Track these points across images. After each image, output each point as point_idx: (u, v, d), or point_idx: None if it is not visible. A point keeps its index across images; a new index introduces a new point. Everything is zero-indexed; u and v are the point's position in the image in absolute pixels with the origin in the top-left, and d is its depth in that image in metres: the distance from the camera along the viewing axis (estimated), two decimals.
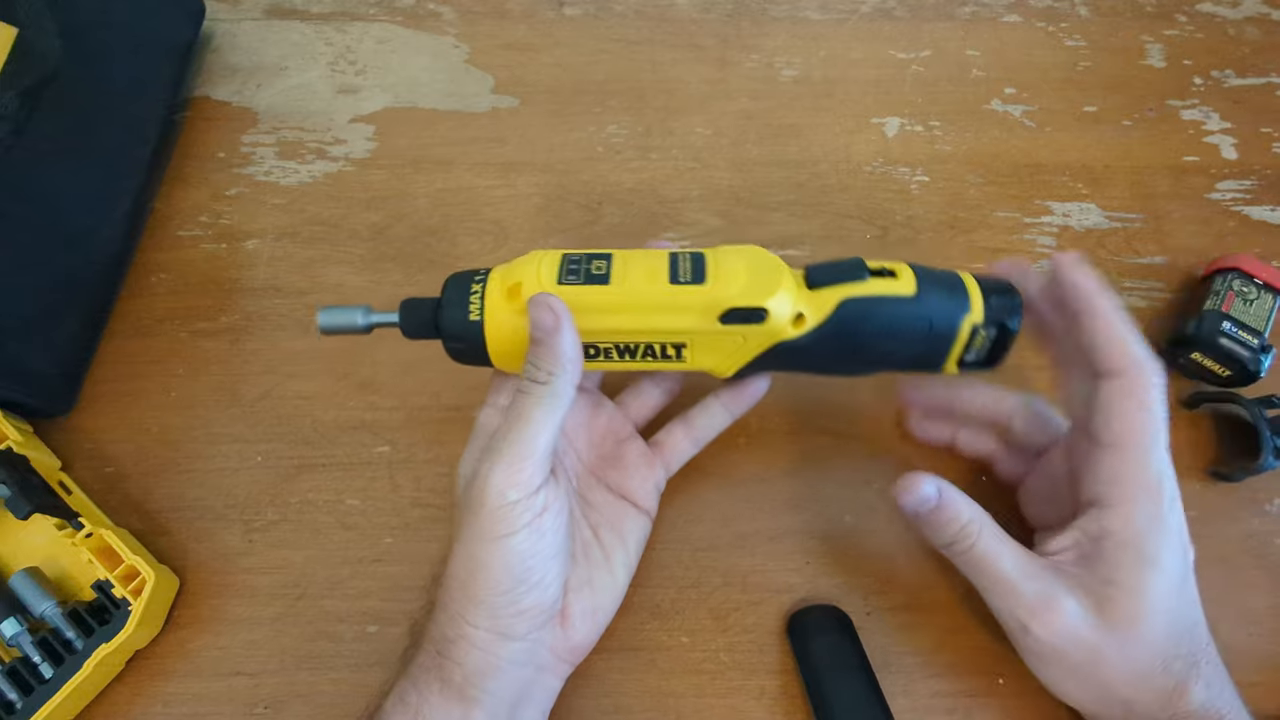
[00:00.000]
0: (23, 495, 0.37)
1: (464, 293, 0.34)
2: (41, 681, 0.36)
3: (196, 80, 0.52)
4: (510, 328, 0.33)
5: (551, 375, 0.31)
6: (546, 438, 0.31)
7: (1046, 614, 0.32)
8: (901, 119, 0.52)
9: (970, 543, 0.33)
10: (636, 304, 0.33)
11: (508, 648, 0.32)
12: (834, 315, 0.33)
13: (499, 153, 0.50)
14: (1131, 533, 0.32)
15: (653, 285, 0.33)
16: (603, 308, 0.33)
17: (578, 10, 0.55)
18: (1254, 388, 0.42)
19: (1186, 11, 0.55)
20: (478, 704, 0.31)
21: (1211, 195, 0.49)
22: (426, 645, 0.32)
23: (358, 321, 0.34)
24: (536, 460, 0.31)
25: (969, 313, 0.33)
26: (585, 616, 0.35)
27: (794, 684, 0.38)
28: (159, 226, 0.48)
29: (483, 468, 0.31)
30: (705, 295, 0.32)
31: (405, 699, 0.31)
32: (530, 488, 0.31)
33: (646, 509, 0.38)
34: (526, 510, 0.31)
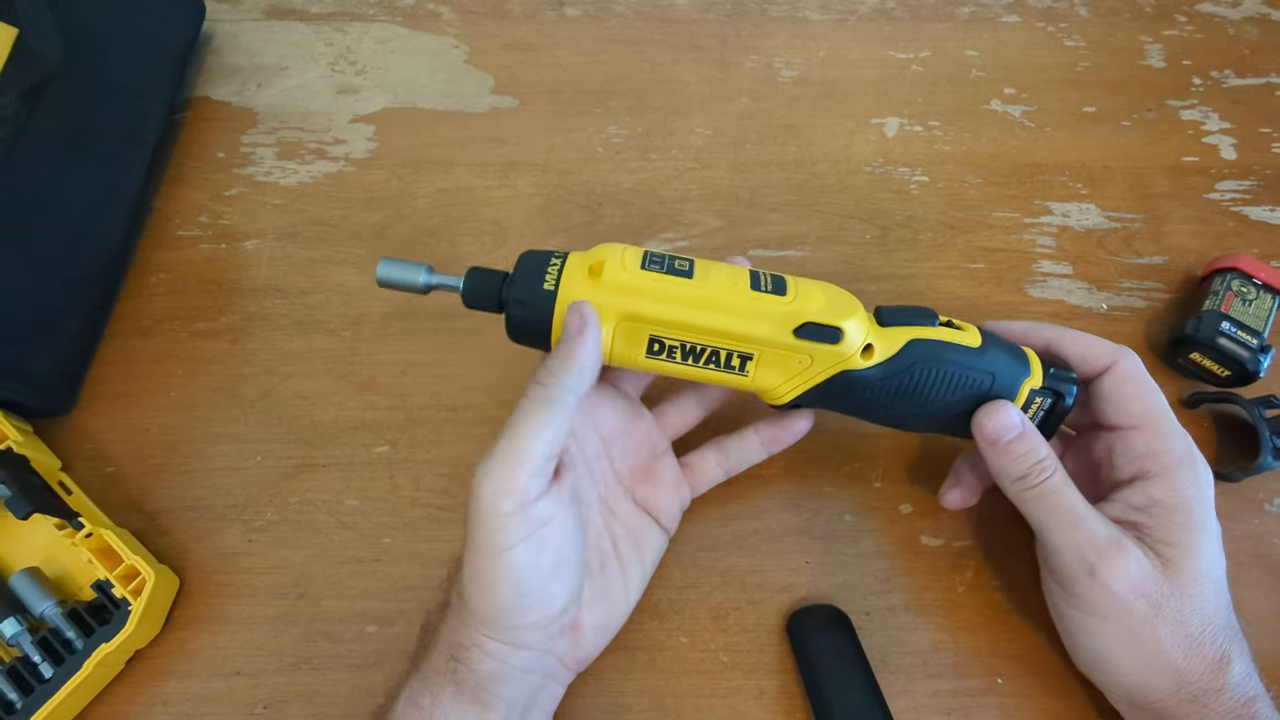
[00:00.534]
0: (23, 495, 0.37)
1: (540, 265, 0.33)
2: (41, 681, 0.36)
3: (196, 80, 0.52)
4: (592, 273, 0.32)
5: (555, 380, 0.31)
6: (543, 445, 0.30)
7: (1117, 559, 0.32)
8: (901, 119, 0.52)
9: (1046, 477, 0.33)
10: (716, 301, 0.32)
11: (519, 656, 0.31)
12: (902, 352, 0.33)
13: (499, 153, 0.50)
14: (1180, 498, 0.32)
15: (734, 287, 0.32)
16: (682, 299, 0.32)
17: (578, 10, 0.55)
18: (1253, 388, 0.42)
19: (1186, 12, 0.55)
20: (491, 708, 0.31)
21: (1211, 195, 0.50)
22: (440, 647, 0.32)
23: (419, 280, 0.33)
24: (531, 468, 0.30)
25: (1029, 377, 0.34)
26: (598, 629, 0.35)
27: (794, 684, 0.38)
28: (159, 226, 0.48)
29: (476, 476, 0.30)
30: (785, 306, 0.32)
31: (418, 702, 0.31)
32: (526, 498, 0.29)
33: (668, 527, 0.38)
34: (524, 523, 0.30)
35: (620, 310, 0.32)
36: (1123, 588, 0.32)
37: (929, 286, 0.47)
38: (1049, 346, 0.36)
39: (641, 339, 0.33)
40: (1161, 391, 0.35)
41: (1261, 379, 0.42)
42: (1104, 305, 0.47)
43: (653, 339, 0.33)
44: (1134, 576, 0.32)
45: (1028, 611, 0.39)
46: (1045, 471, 0.33)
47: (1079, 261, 0.48)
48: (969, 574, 0.40)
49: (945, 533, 0.41)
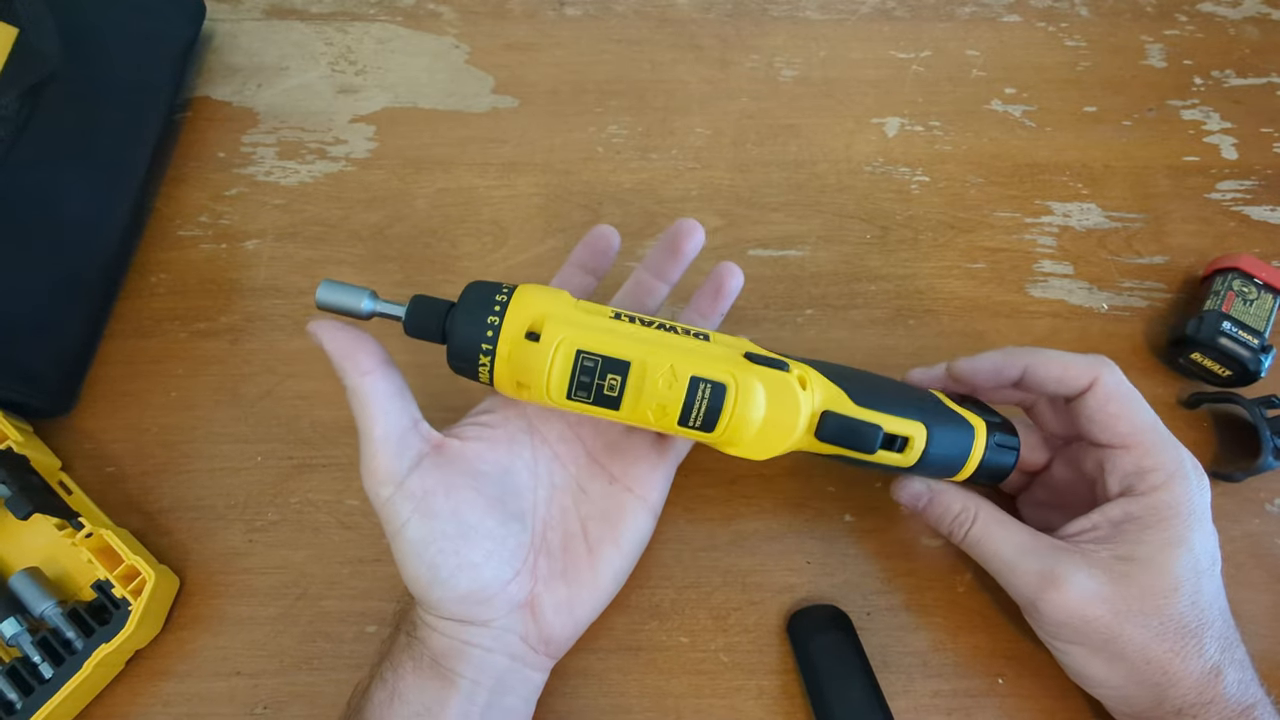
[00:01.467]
0: (23, 495, 0.37)
1: (483, 311, 0.32)
2: (41, 681, 0.36)
3: (197, 80, 0.52)
4: (520, 366, 0.32)
5: (350, 375, 0.32)
6: (383, 428, 0.31)
7: (1051, 590, 0.32)
8: (901, 119, 0.52)
9: (965, 530, 0.35)
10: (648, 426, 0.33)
11: (468, 632, 0.32)
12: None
13: (499, 153, 0.50)
14: (1157, 516, 0.32)
15: (659, 422, 0.32)
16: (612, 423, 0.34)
17: (578, 10, 0.55)
18: (1254, 388, 0.42)
19: (1186, 11, 0.55)
20: (451, 684, 0.32)
21: (1211, 195, 0.49)
22: (404, 626, 0.34)
23: (361, 306, 0.32)
24: (388, 451, 0.31)
25: (969, 458, 0.35)
26: (559, 609, 0.34)
27: (794, 684, 0.38)
28: (159, 226, 0.48)
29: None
30: (708, 439, 0.33)
31: (384, 677, 0.33)
32: (396, 478, 0.31)
33: (648, 499, 0.37)
34: (405, 499, 0.31)
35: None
36: (1067, 616, 0.32)
37: (929, 286, 0.47)
38: (1025, 374, 0.35)
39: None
40: (1145, 402, 0.34)
41: (1262, 379, 0.42)
42: (1105, 305, 0.46)
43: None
44: (1075, 602, 0.32)
45: None
46: (965, 524, 0.35)
47: (1080, 261, 0.48)
48: (969, 574, 0.40)
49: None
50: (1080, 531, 0.34)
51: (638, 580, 0.40)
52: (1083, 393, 0.34)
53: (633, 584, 0.40)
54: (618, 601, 0.39)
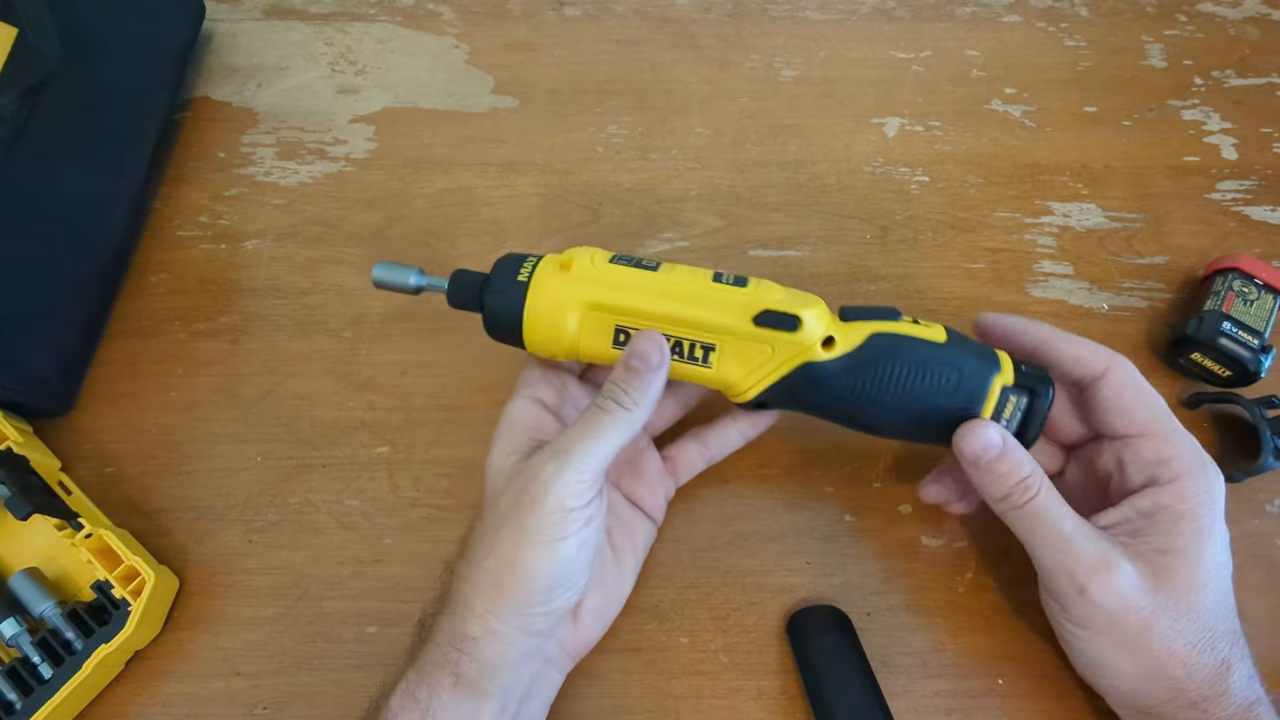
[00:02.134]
0: (23, 495, 0.37)
1: (516, 263, 0.35)
2: (41, 682, 0.36)
3: (196, 80, 0.52)
4: (555, 299, 0.34)
5: (637, 405, 0.32)
6: (610, 456, 0.32)
7: (1105, 575, 0.31)
8: (901, 119, 0.52)
9: (1030, 497, 0.33)
10: (678, 291, 0.34)
11: (527, 642, 0.32)
12: (864, 344, 0.33)
13: (499, 153, 0.50)
14: (1188, 505, 0.32)
15: (696, 279, 0.34)
16: (646, 288, 0.34)
17: (578, 10, 0.55)
18: (1254, 388, 0.42)
19: (1186, 11, 0.55)
20: (489, 698, 0.31)
21: (1212, 195, 0.49)
22: (439, 640, 0.32)
23: (410, 281, 0.35)
24: (596, 474, 0.32)
25: (999, 373, 0.33)
26: (596, 614, 0.36)
27: (794, 684, 0.38)
28: (159, 226, 0.48)
29: (545, 470, 0.31)
30: (744, 295, 0.33)
31: (415, 695, 0.31)
32: (587, 497, 0.32)
33: (655, 518, 0.39)
34: (580, 517, 0.31)
35: (586, 300, 0.34)
36: (1113, 604, 0.32)
37: (929, 286, 0.47)
38: (1041, 346, 0.35)
39: (608, 329, 0.34)
40: (1157, 393, 0.35)
41: (1262, 379, 0.42)
42: (1105, 305, 0.46)
43: (618, 329, 0.34)
44: (1124, 592, 0.31)
45: (1028, 611, 0.39)
46: (1030, 490, 0.33)
47: (1080, 261, 0.48)
48: (969, 574, 0.40)
49: (945, 533, 0.41)
50: (1113, 525, 0.33)
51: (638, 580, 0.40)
52: (1097, 379, 0.34)
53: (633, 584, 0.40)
54: None
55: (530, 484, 0.31)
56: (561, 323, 0.34)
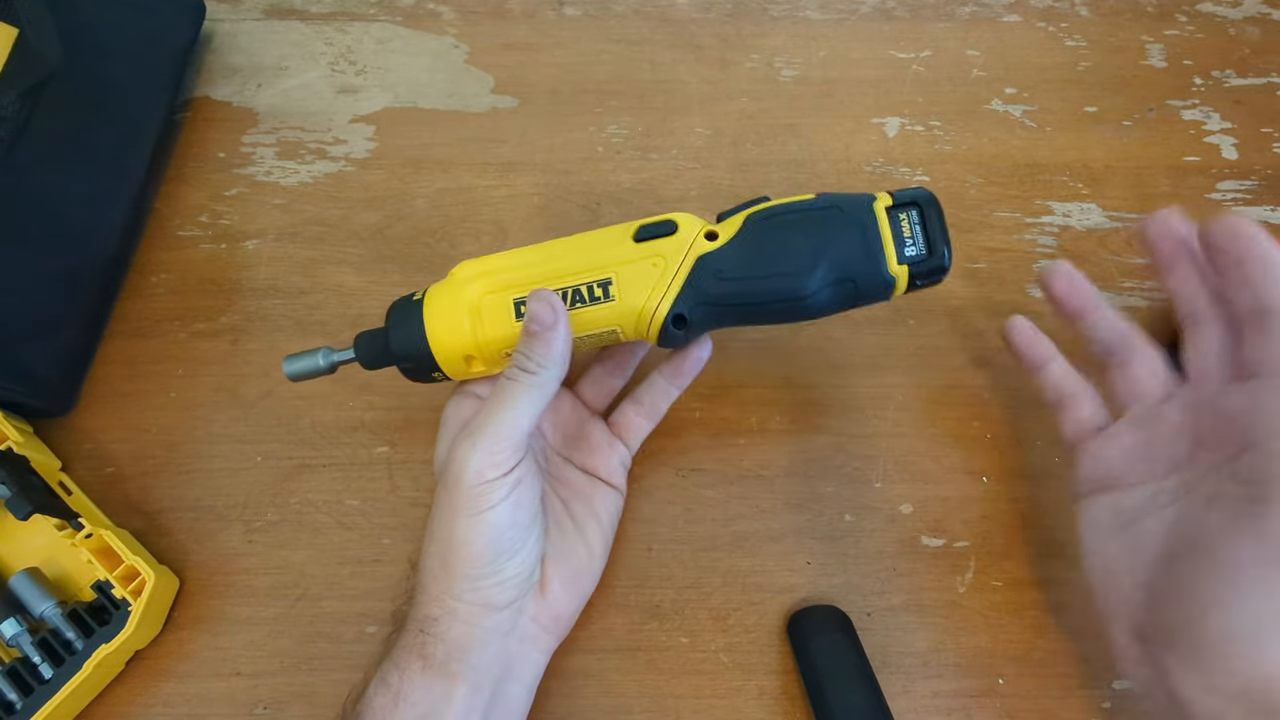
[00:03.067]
0: (23, 495, 0.37)
1: (406, 306, 0.36)
2: (41, 682, 0.36)
3: (197, 80, 0.52)
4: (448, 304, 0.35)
5: (542, 367, 0.33)
6: (526, 424, 0.33)
7: None
8: (902, 119, 0.52)
9: None
10: (559, 250, 0.35)
11: (490, 618, 0.33)
12: (744, 225, 0.35)
13: (499, 153, 0.50)
14: None
15: (573, 238, 0.36)
16: (527, 260, 0.35)
17: (578, 10, 0.55)
18: None
19: (1187, 11, 0.55)
20: (461, 678, 0.32)
21: (1212, 195, 0.49)
22: (409, 626, 0.33)
23: (319, 364, 0.36)
24: (515, 443, 0.33)
25: (876, 199, 0.34)
26: (565, 585, 0.36)
27: (794, 684, 0.38)
28: (159, 226, 0.48)
29: (462, 448, 0.32)
30: (619, 227, 0.35)
31: (387, 680, 0.32)
32: (507, 466, 0.32)
33: (615, 485, 0.40)
34: (503, 485, 0.32)
35: (477, 293, 0.35)
36: None
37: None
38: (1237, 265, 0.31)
39: (507, 309, 0.35)
40: None
41: None
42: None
43: (516, 303, 0.35)
44: None
45: (1028, 611, 0.39)
46: None
47: (1080, 261, 0.47)
48: (969, 574, 0.40)
49: (946, 533, 0.41)
50: None
51: (638, 580, 0.40)
52: None
53: (633, 584, 0.40)
54: (618, 601, 0.39)
55: (451, 464, 0.32)
56: (460, 323, 0.35)
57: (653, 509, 0.41)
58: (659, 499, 0.42)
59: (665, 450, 0.42)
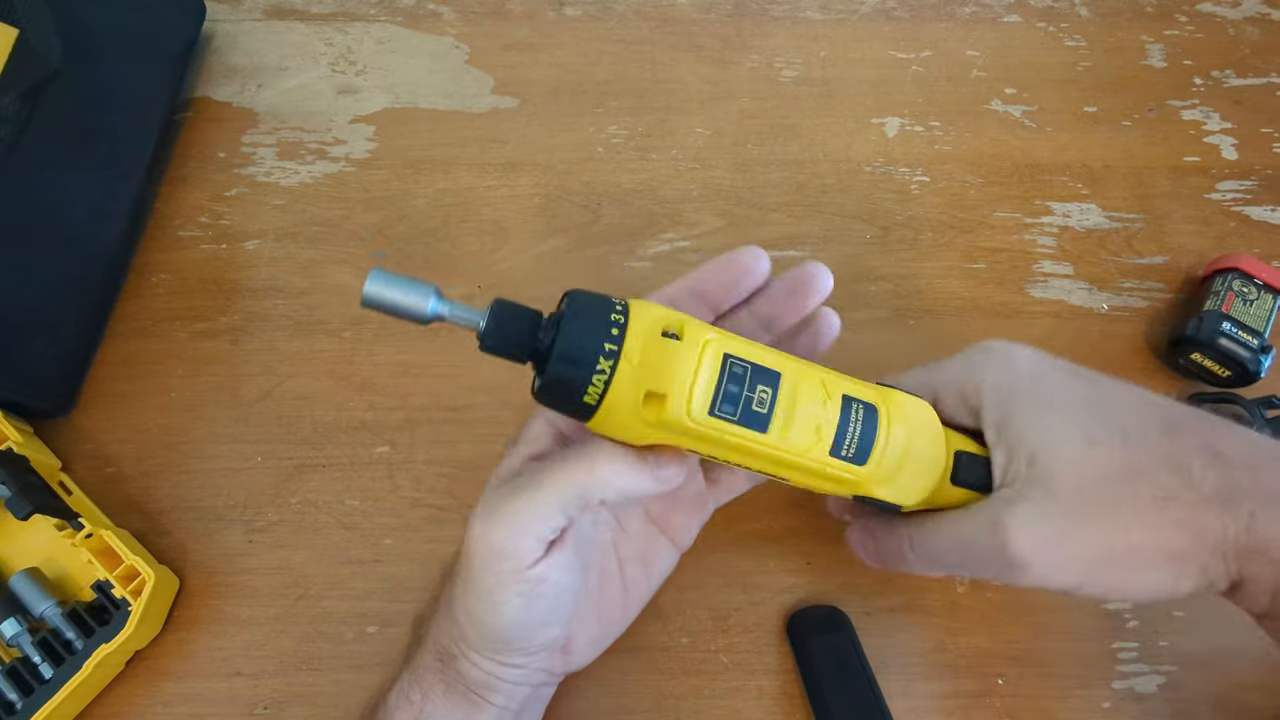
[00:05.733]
0: (23, 495, 0.37)
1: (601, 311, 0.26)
2: (41, 682, 0.36)
3: (197, 81, 0.52)
4: (624, 421, 0.27)
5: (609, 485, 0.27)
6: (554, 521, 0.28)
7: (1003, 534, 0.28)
8: (902, 119, 0.52)
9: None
10: (787, 462, 0.28)
11: (507, 673, 0.31)
12: None
13: (499, 153, 0.50)
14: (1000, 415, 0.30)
15: (812, 449, 0.28)
16: (750, 452, 0.28)
17: (578, 10, 0.55)
18: (1254, 388, 0.42)
19: (1186, 11, 0.55)
20: (483, 709, 0.31)
21: (1212, 195, 0.49)
22: (430, 646, 0.32)
23: (425, 309, 0.26)
24: (537, 536, 0.28)
25: None
26: (590, 644, 0.34)
27: (794, 684, 0.38)
28: (159, 226, 0.48)
29: (473, 525, 0.28)
30: (858, 477, 0.29)
31: (409, 696, 0.31)
32: (523, 562, 0.28)
33: (681, 545, 0.36)
34: (520, 583, 0.28)
35: (669, 442, 0.28)
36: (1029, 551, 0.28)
37: (929, 286, 0.47)
38: None
39: None
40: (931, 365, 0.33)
41: (1262, 379, 0.42)
42: (1105, 305, 0.46)
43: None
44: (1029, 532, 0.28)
45: (1028, 612, 0.39)
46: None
47: (1080, 261, 0.48)
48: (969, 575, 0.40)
49: None
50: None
51: None
52: None
53: None
54: None
55: (466, 537, 0.28)
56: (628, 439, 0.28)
57: None
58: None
59: None
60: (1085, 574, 0.29)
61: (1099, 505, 0.28)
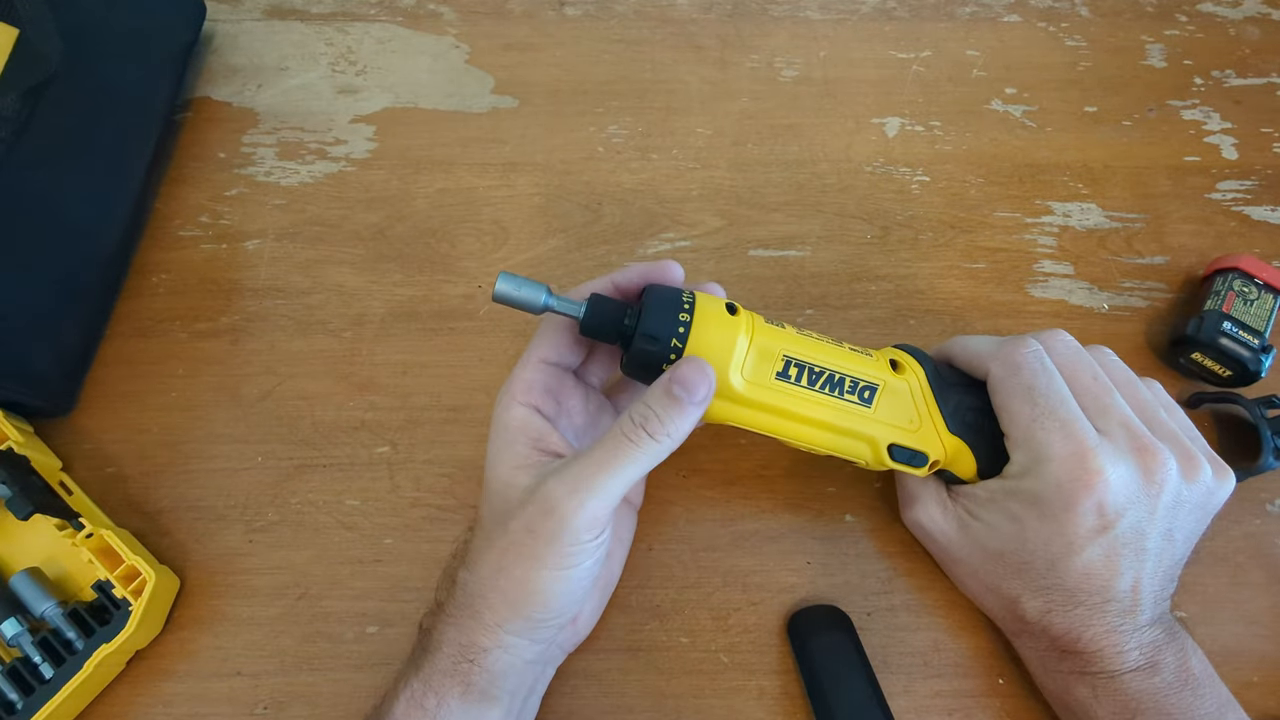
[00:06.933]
0: (23, 495, 0.37)
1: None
2: (42, 682, 0.36)
3: (197, 81, 0.52)
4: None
5: (669, 438, 0.31)
6: (630, 485, 0.31)
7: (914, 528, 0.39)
8: (902, 119, 0.52)
9: None
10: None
11: (532, 650, 0.33)
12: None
13: (499, 153, 0.50)
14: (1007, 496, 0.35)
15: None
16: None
17: (578, 10, 0.55)
18: (1254, 388, 0.42)
19: (1187, 11, 0.55)
20: (497, 703, 0.32)
21: (1212, 195, 0.49)
22: (447, 650, 0.32)
23: (540, 300, 0.32)
24: (616, 504, 0.31)
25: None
26: (593, 613, 0.37)
27: (794, 684, 0.38)
28: (159, 226, 0.48)
29: (565, 501, 0.30)
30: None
31: (423, 704, 0.31)
32: (605, 527, 0.31)
33: (637, 504, 0.40)
34: (597, 546, 0.31)
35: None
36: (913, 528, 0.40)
37: (930, 286, 0.47)
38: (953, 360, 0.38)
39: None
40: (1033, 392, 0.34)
41: (1263, 379, 0.42)
42: (1105, 305, 0.46)
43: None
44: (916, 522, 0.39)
45: None
46: None
47: (1080, 261, 0.48)
48: None
49: None
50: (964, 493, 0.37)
51: (638, 580, 0.40)
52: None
53: (633, 584, 0.40)
54: (618, 601, 0.39)
55: (548, 515, 0.30)
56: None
57: (653, 509, 0.41)
58: (659, 499, 0.42)
59: None
60: None
61: None
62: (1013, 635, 0.38)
